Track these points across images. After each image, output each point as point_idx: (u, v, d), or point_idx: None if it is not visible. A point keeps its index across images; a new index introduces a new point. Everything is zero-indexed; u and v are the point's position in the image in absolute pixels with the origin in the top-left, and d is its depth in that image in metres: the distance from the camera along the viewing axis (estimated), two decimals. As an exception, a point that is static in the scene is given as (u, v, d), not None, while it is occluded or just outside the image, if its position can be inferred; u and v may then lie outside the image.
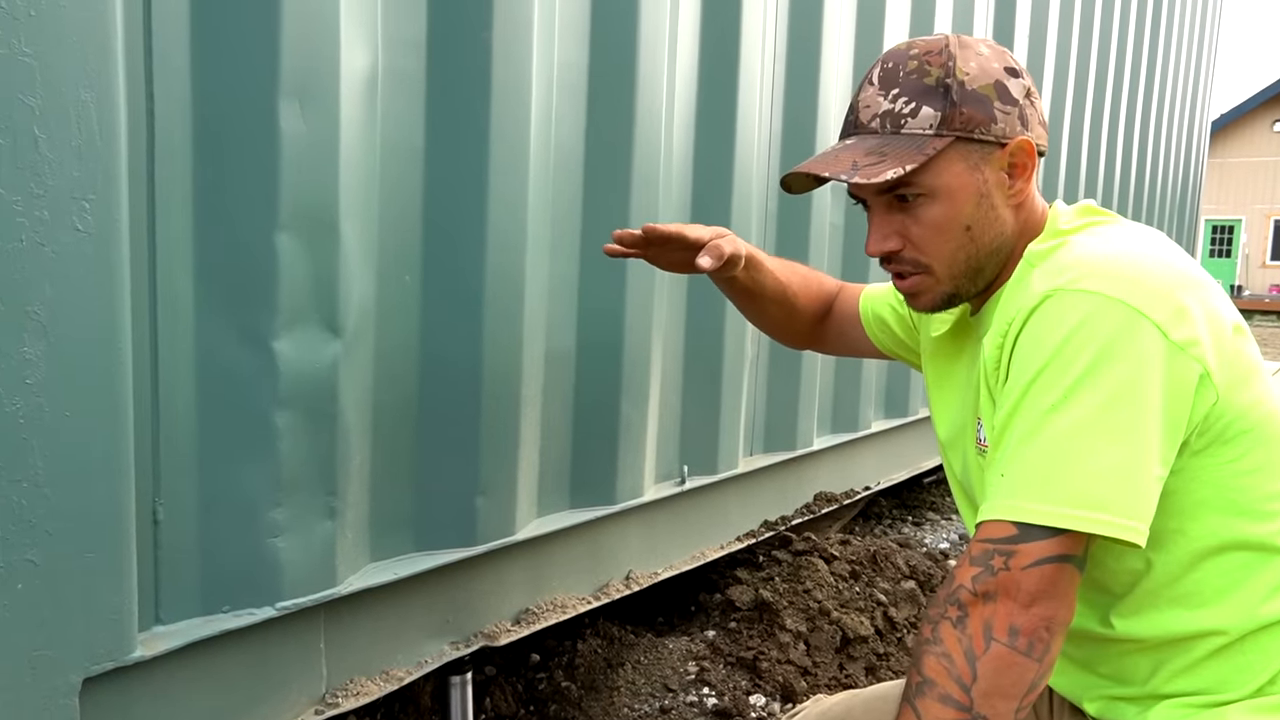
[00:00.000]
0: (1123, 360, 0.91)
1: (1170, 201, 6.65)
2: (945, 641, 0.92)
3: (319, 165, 1.42)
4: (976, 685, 0.90)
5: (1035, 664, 0.91)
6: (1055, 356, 0.93)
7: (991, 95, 1.03)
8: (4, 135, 1.07)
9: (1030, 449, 0.92)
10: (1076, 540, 0.91)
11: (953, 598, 0.93)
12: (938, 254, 1.06)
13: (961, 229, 1.05)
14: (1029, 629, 0.90)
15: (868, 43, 2.87)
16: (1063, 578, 0.91)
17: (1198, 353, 0.93)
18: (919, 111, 1.03)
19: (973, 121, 1.02)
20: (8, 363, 1.09)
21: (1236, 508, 0.99)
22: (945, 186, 1.03)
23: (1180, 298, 0.95)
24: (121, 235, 1.19)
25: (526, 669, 2.26)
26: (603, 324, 2.02)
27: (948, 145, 1.02)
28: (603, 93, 1.94)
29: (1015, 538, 0.91)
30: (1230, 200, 22.91)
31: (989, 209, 1.05)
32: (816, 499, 2.94)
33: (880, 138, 1.05)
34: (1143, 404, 0.91)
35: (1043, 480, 0.91)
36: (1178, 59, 6.31)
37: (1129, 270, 0.96)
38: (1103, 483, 0.90)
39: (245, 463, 1.41)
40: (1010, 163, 1.05)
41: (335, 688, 1.60)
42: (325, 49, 1.41)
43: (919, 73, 1.04)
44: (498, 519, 1.81)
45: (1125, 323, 0.92)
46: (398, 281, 1.62)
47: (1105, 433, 0.90)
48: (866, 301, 1.49)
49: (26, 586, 1.14)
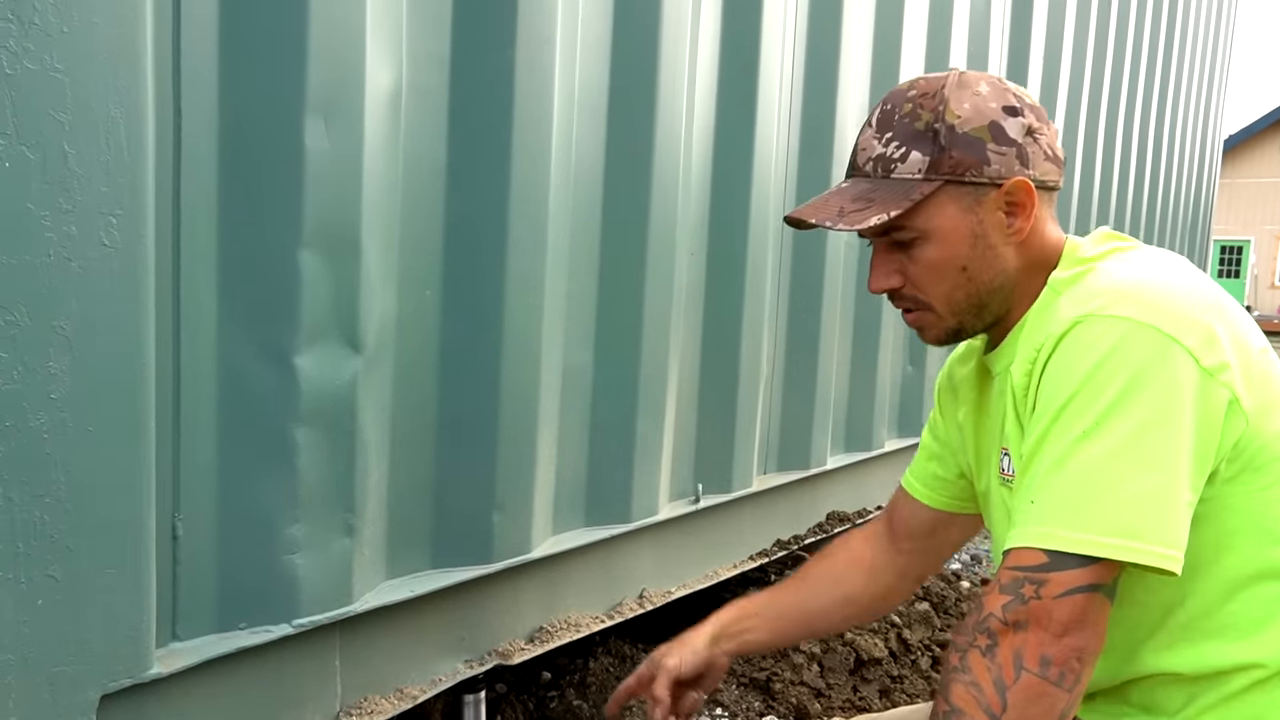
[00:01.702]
0: (1155, 386, 0.90)
1: (1181, 222, 6.64)
2: (974, 670, 0.91)
3: (343, 181, 1.42)
4: (1006, 715, 0.89)
5: (1065, 694, 0.89)
6: (1087, 383, 0.92)
7: (985, 137, 1.03)
8: (34, 150, 1.07)
9: (1061, 476, 0.91)
10: (1109, 569, 0.90)
11: (982, 626, 0.92)
12: (936, 293, 1.07)
13: (958, 270, 1.05)
14: (1060, 659, 0.89)
15: (885, 64, 2.88)
16: (1094, 607, 0.90)
17: (1227, 378, 0.93)
18: (908, 156, 1.03)
19: (963, 165, 1.02)
20: (33, 378, 1.09)
21: (1271, 536, 0.98)
22: (938, 229, 1.04)
23: (1210, 324, 0.94)
24: (147, 251, 1.19)
25: (538, 687, 2.25)
26: (620, 341, 2.01)
27: (937, 189, 1.02)
28: (623, 111, 1.94)
29: (1046, 565, 0.90)
30: (1239, 221, 22.87)
31: (986, 249, 1.05)
32: (829, 518, 2.93)
33: (871, 182, 1.06)
34: (1175, 431, 0.90)
35: (1075, 508, 0.90)
36: (1189, 80, 6.32)
37: (1159, 296, 0.95)
38: (1136, 510, 0.89)
39: (264, 479, 1.40)
40: (1008, 202, 1.04)
41: (349, 705, 1.59)
42: (351, 65, 1.41)
43: (911, 116, 1.05)
44: (513, 537, 1.80)
45: (1157, 348, 0.91)
46: (418, 297, 1.62)
47: (1138, 460, 0.89)
48: (908, 482, 1.34)
49: (47, 602, 1.13)
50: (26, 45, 1.05)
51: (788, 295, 2.63)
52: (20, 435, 1.09)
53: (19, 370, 1.08)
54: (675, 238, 2.09)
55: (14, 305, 1.07)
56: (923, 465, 1.30)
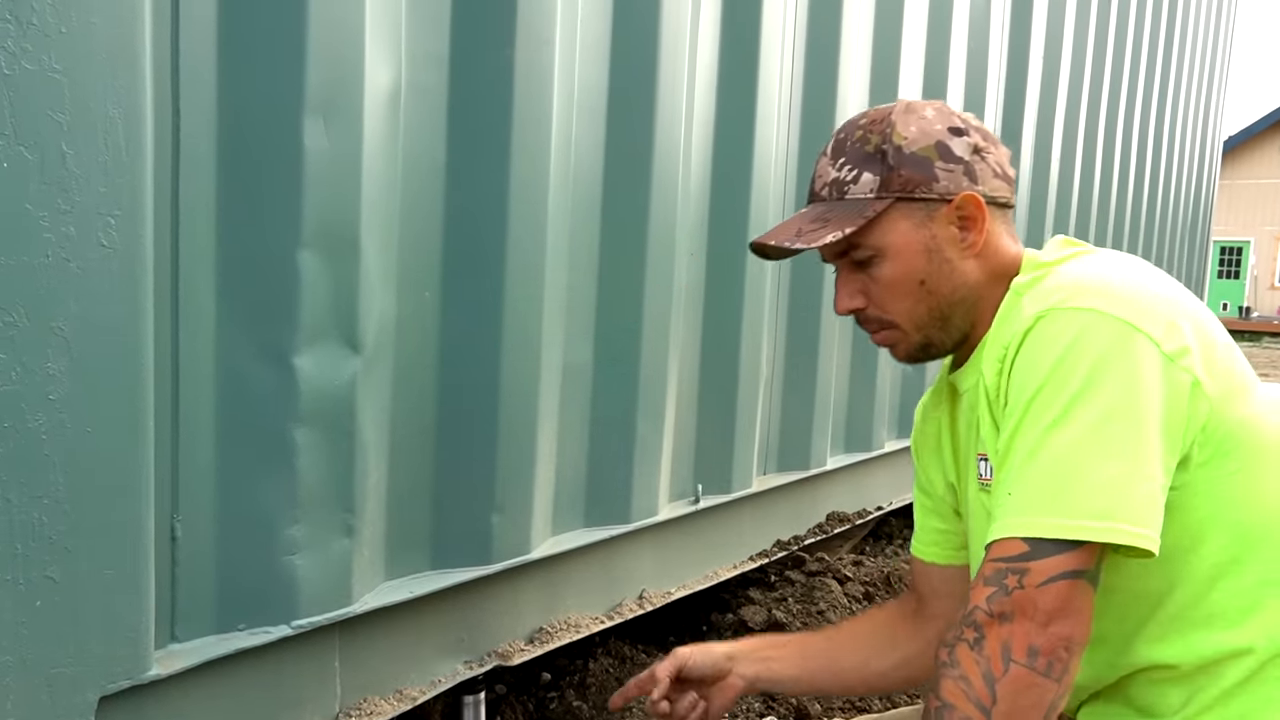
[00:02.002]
0: (1119, 372, 0.93)
1: (1181, 223, 6.64)
2: (962, 664, 0.92)
3: (342, 181, 1.42)
4: (996, 708, 0.90)
5: (1054, 684, 0.90)
6: (1053, 373, 0.95)
7: (932, 156, 1.08)
8: (32, 151, 1.07)
9: (1034, 466, 0.93)
10: (1089, 554, 0.91)
11: (968, 619, 0.93)
12: (898, 309, 1.11)
13: (916, 284, 1.09)
14: (1048, 649, 0.90)
15: (885, 63, 2.88)
16: (1078, 594, 0.91)
17: (1188, 363, 0.96)
18: (860, 178, 1.09)
19: (912, 182, 1.07)
20: (32, 379, 1.09)
21: (1243, 522, 0.99)
22: (892, 245, 1.08)
23: (1169, 313, 0.98)
24: (146, 251, 1.19)
25: (537, 688, 2.24)
26: (620, 341, 2.01)
27: (889, 206, 1.07)
28: (622, 111, 1.94)
29: (1027, 554, 0.92)
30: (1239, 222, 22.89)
31: (942, 262, 1.09)
32: (829, 519, 2.92)
33: (827, 204, 1.11)
34: (1142, 414, 0.92)
35: (1050, 495, 0.92)
36: (1189, 80, 6.32)
37: (1119, 288, 0.99)
38: (1109, 492, 0.90)
39: (263, 479, 1.40)
40: (959, 216, 1.08)
41: (349, 707, 1.59)
42: (350, 65, 1.41)
43: (862, 141, 1.10)
44: (513, 537, 1.80)
45: (1119, 336, 0.94)
46: (417, 297, 1.61)
47: (1107, 444, 0.91)
48: (917, 549, 1.33)
49: (45, 603, 1.13)
50: (25, 46, 1.05)
51: (788, 295, 2.63)
52: (19, 436, 1.09)
53: (17, 371, 1.08)
54: (675, 238, 2.09)
55: (12, 306, 1.07)
56: (924, 525, 1.31)
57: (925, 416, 1.29)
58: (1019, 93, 3.77)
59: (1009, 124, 3.75)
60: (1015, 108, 3.77)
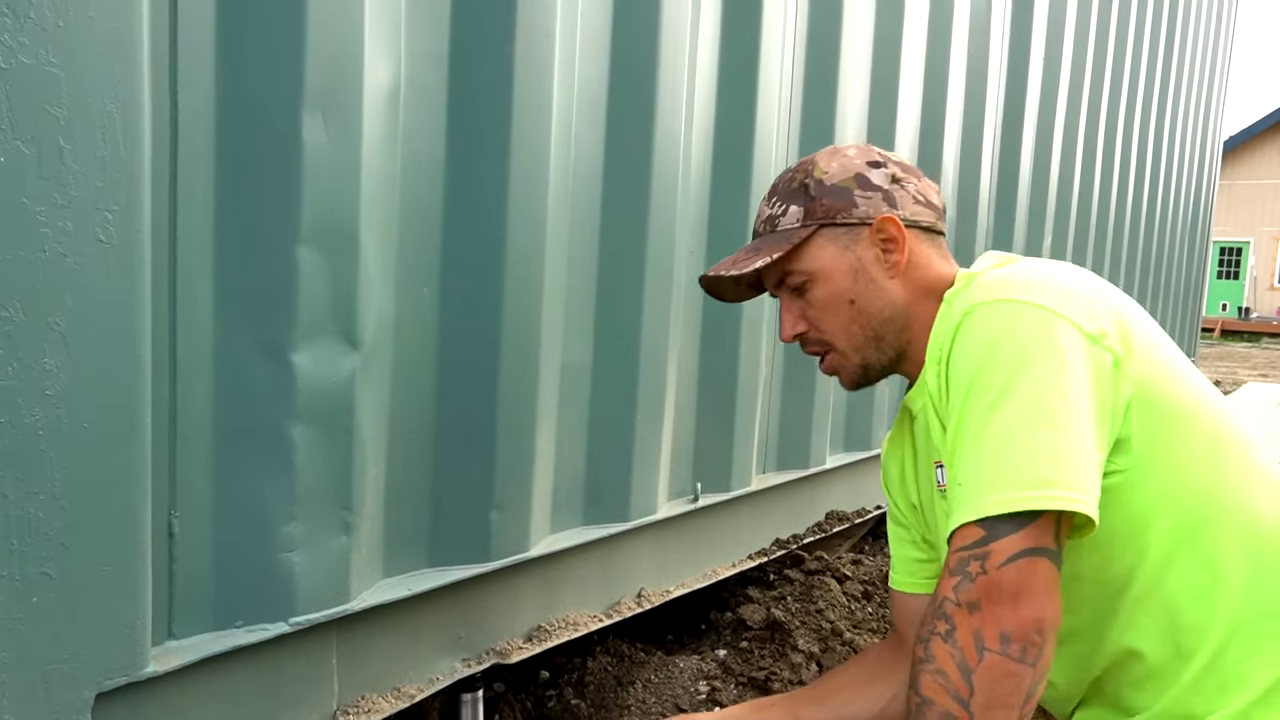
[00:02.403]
0: (1045, 354, 0.98)
1: (1181, 223, 6.64)
2: (937, 658, 0.93)
3: (341, 177, 1.41)
4: (974, 699, 0.90)
5: (1030, 669, 0.91)
6: (984, 363, 0.99)
7: (851, 186, 1.19)
8: (29, 145, 1.06)
9: (977, 452, 0.97)
10: (1043, 531, 0.93)
11: (939, 612, 0.94)
12: (833, 329, 1.20)
13: (846, 303, 1.18)
14: (1020, 634, 0.91)
15: (885, 60, 2.87)
16: (1040, 572, 0.92)
17: (1109, 344, 1.01)
18: (788, 210, 1.20)
19: (833, 209, 1.18)
20: (28, 374, 1.08)
21: (1188, 505, 1.02)
22: (821, 269, 1.18)
23: (1089, 302, 1.04)
24: (143, 246, 1.19)
25: (536, 686, 2.24)
26: (619, 338, 2.01)
27: (813, 233, 1.18)
28: (622, 108, 1.93)
29: (984, 539, 0.94)
30: (1238, 222, 22.89)
31: (868, 282, 1.18)
32: (828, 517, 2.92)
33: (762, 238, 1.23)
34: (1069, 390, 0.96)
35: (993, 475, 0.95)
36: (1190, 81, 6.32)
37: (1040, 281, 1.05)
38: (1045, 463, 0.93)
39: (261, 476, 1.40)
40: (881, 240, 1.18)
41: (346, 704, 1.58)
42: (349, 61, 1.41)
43: (790, 180, 1.23)
44: (511, 535, 1.80)
45: (1043, 321, 0.99)
46: (416, 294, 1.61)
47: (1040, 420, 0.95)
48: (895, 580, 1.35)
49: (42, 600, 1.12)
50: (21, 39, 1.04)
51: (787, 294, 2.62)
52: (15, 432, 1.08)
53: (14, 366, 1.07)
54: (675, 235, 2.08)
55: (9, 301, 1.06)
56: (900, 555, 1.34)
57: (889, 453, 1.35)
58: (1019, 92, 3.77)
59: (1009, 123, 3.75)
60: (1015, 107, 3.77)
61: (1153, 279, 6.05)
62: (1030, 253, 4.02)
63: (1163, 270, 6.27)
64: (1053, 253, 4.28)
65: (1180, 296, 6.89)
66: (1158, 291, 6.20)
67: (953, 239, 3.43)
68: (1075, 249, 4.57)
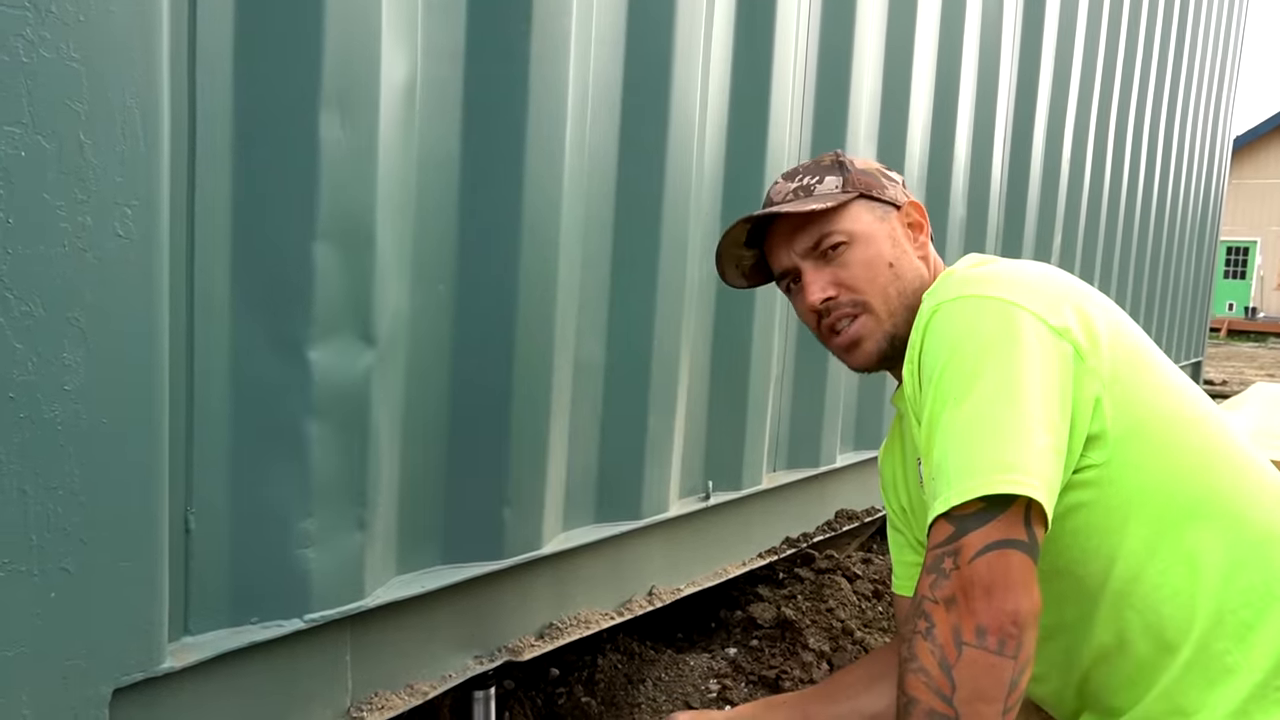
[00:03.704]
0: (1006, 346, 0.99)
1: (1190, 222, 6.62)
2: (919, 656, 0.93)
3: (357, 174, 1.41)
4: (957, 694, 0.91)
5: (1010, 661, 0.91)
6: (949, 358, 1.01)
7: (876, 173, 1.24)
8: (50, 140, 1.06)
9: (944, 446, 0.98)
10: (1011, 523, 0.93)
11: (918, 610, 0.95)
12: (871, 289, 1.18)
13: (886, 264, 1.19)
14: (996, 626, 0.91)
15: (898, 53, 2.86)
16: (1013, 564, 0.92)
17: (1072, 338, 1.02)
18: (824, 180, 1.22)
19: (869, 184, 1.22)
20: (48, 369, 1.08)
21: (1167, 497, 1.03)
22: (862, 231, 1.19)
23: (1053, 295, 1.05)
24: (162, 242, 1.19)
25: (546, 683, 2.24)
26: (632, 336, 2.01)
27: (854, 198, 1.20)
28: (637, 105, 1.93)
29: (955, 534, 0.94)
30: (1246, 222, 22.81)
31: (903, 252, 1.20)
32: (838, 516, 2.92)
33: (797, 200, 1.21)
34: (1029, 381, 0.97)
35: (956, 468, 0.96)
36: (1200, 80, 6.29)
37: (1004, 277, 1.07)
38: (1003, 451, 0.94)
39: (277, 472, 1.39)
40: (907, 223, 1.22)
41: (360, 701, 1.58)
42: (366, 58, 1.40)
43: (816, 162, 1.26)
44: (524, 532, 1.79)
45: (1004, 314, 1.01)
46: (431, 291, 1.61)
47: (1000, 412, 0.96)
48: (898, 585, 1.35)
49: (60, 595, 1.12)
50: (43, 34, 1.04)
51: (798, 292, 2.62)
52: (34, 427, 1.08)
53: (34, 361, 1.07)
54: (688, 233, 2.08)
55: (29, 296, 1.06)
56: (900, 560, 1.35)
57: (885, 458, 1.36)
58: (1030, 90, 3.76)
59: (1020, 121, 3.74)
60: (1026, 105, 3.76)
61: (1161, 278, 6.03)
62: (1040, 252, 4.01)
63: (1171, 269, 6.25)
64: (1063, 252, 4.26)
65: (1189, 296, 6.87)
66: (1166, 290, 6.19)
67: (963, 236, 3.42)
68: (1085, 248, 4.56)
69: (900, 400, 1.22)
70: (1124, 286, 5.24)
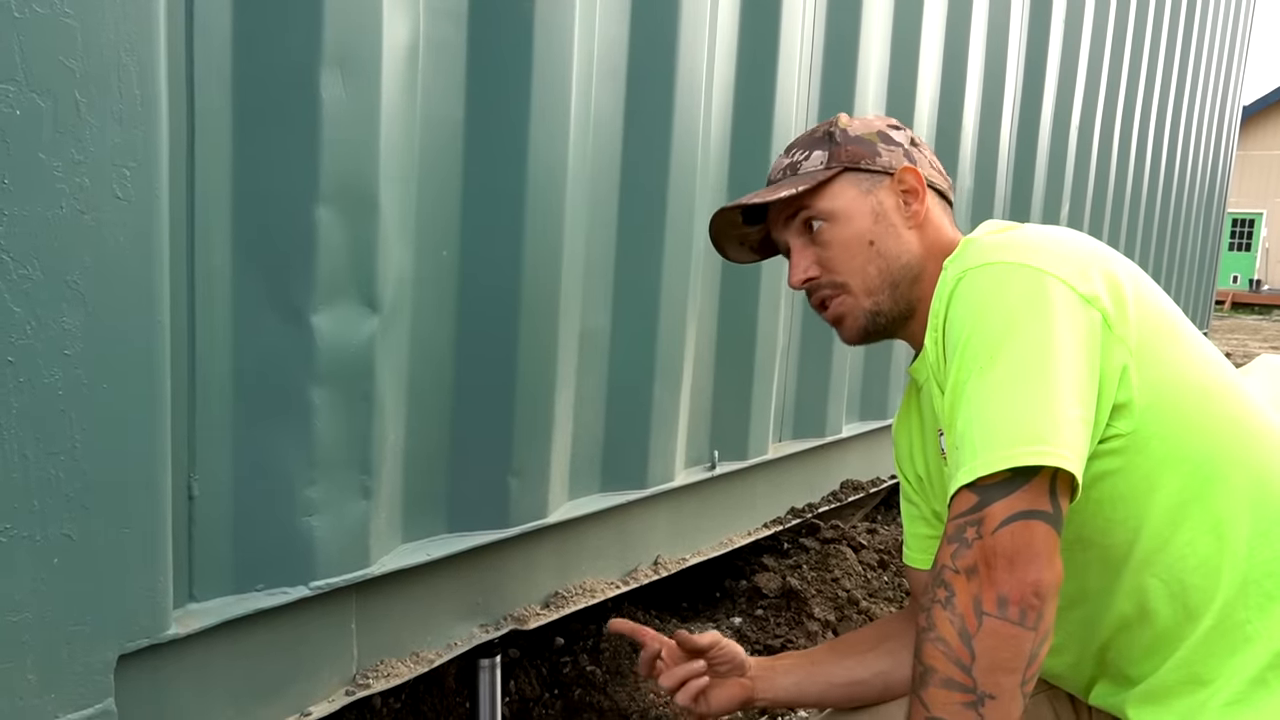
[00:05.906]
0: (1034, 313, 0.97)
1: (1197, 194, 6.57)
2: (938, 625, 0.92)
3: (359, 136, 1.39)
4: (976, 664, 0.90)
5: (1030, 633, 0.90)
6: (976, 326, 0.99)
7: (874, 139, 1.21)
8: (45, 98, 1.04)
9: (969, 415, 0.96)
10: (1036, 493, 0.92)
11: (938, 579, 0.94)
12: (849, 270, 1.18)
13: (865, 244, 1.17)
14: (1017, 597, 0.90)
15: (906, 26, 2.82)
16: (1037, 535, 0.91)
17: (1101, 305, 1.00)
18: (811, 155, 1.21)
19: (858, 155, 1.19)
20: (47, 333, 1.07)
21: (1194, 465, 1.01)
22: (842, 209, 1.18)
23: (1080, 260, 1.03)
24: (161, 204, 1.16)
25: (551, 652, 2.24)
26: (638, 304, 1.99)
27: (837, 174, 1.19)
28: (643, 70, 1.90)
29: (979, 504, 0.93)
30: (1251, 193, 22.66)
31: (888, 227, 1.18)
32: (843, 486, 2.91)
33: (784, 180, 1.22)
34: (1058, 349, 0.96)
35: (983, 438, 0.94)
36: (1209, 52, 6.22)
37: (1031, 244, 1.04)
38: (1031, 421, 0.93)
39: (281, 439, 1.38)
40: (902, 190, 1.19)
41: (366, 669, 1.58)
42: (368, 17, 1.37)
43: (810, 134, 1.24)
44: (530, 501, 1.78)
45: (1031, 281, 0.99)
46: (435, 256, 1.59)
47: (1027, 381, 0.94)
48: (909, 557, 1.33)
49: (63, 561, 1.11)
50: (36, -12, 1.02)
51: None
52: (34, 391, 1.07)
53: (32, 325, 1.06)
54: (694, 201, 2.05)
55: (26, 259, 1.04)
56: (913, 532, 1.33)
57: (899, 428, 1.33)
58: (1039, 60, 3.71)
59: (1028, 91, 3.70)
60: (1035, 76, 3.71)
61: (1168, 250, 5.99)
62: (1047, 222, 3.97)
63: (1178, 241, 6.21)
64: (1069, 223, 4.23)
65: (1195, 268, 6.84)
66: (1172, 262, 6.15)
67: (970, 207, 3.39)
68: (1093, 217, 4.52)
69: (920, 369, 1.20)
70: (1130, 258, 5.20)
